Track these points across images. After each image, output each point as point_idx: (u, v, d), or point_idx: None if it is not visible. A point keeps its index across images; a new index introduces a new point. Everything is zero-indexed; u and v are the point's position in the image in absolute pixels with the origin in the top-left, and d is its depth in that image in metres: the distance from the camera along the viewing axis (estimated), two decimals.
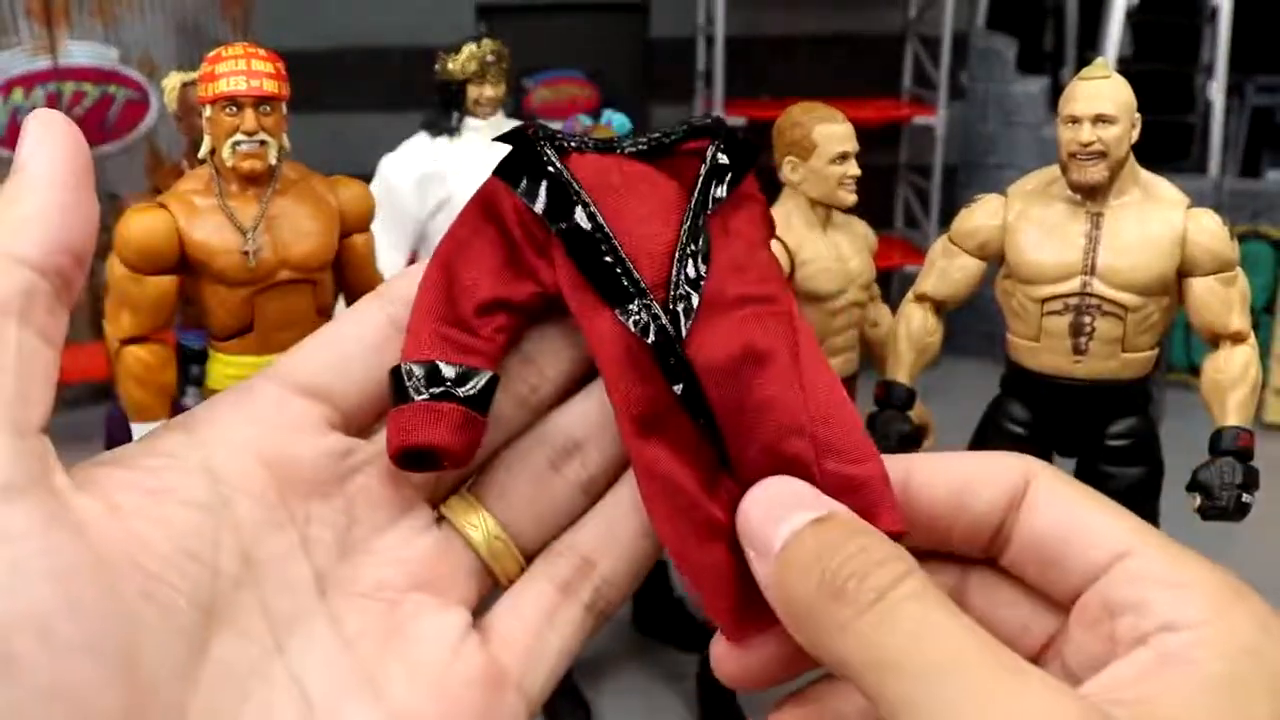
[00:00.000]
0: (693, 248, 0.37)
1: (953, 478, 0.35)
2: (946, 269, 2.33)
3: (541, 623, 0.36)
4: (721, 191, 0.39)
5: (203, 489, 0.32)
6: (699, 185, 0.39)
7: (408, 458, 0.35)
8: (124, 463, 0.32)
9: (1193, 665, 0.28)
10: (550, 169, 0.38)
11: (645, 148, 0.40)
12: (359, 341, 0.36)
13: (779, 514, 0.32)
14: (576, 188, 0.38)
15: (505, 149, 0.40)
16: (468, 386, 0.36)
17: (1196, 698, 0.27)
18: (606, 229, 0.37)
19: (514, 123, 3.09)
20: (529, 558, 0.38)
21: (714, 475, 0.35)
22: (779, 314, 0.37)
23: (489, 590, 0.37)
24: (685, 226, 0.38)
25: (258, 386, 0.35)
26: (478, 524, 0.37)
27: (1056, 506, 0.33)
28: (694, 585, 0.35)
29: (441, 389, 0.35)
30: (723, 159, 0.40)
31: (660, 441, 0.35)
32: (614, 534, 0.37)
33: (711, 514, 0.34)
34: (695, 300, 0.36)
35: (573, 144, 0.39)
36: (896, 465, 0.35)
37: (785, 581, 0.30)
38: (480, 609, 0.37)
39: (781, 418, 0.35)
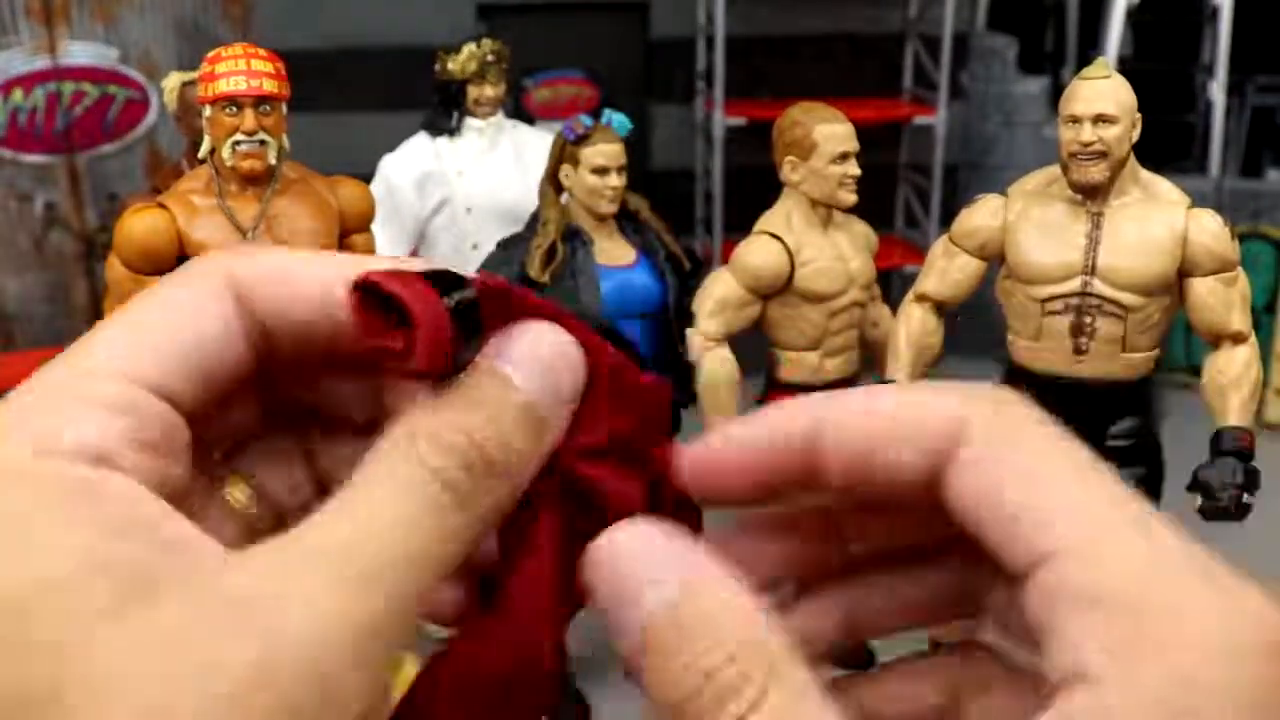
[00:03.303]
0: None
1: (866, 435, 0.29)
2: (947, 269, 2.33)
3: None
4: None
5: None
6: None
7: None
8: None
9: None
10: None
11: None
12: (205, 345, 0.32)
13: (639, 577, 0.27)
14: None
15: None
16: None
17: None
18: None
19: (514, 123, 3.09)
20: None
21: None
22: None
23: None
24: None
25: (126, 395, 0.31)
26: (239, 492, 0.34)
27: (981, 484, 0.27)
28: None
29: None
30: None
31: None
32: None
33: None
34: None
35: None
36: (804, 416, 0.30)
37: (648, 674, 0.26)
38: None
39: None
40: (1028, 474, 0.27)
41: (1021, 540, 0.26)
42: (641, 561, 0.27)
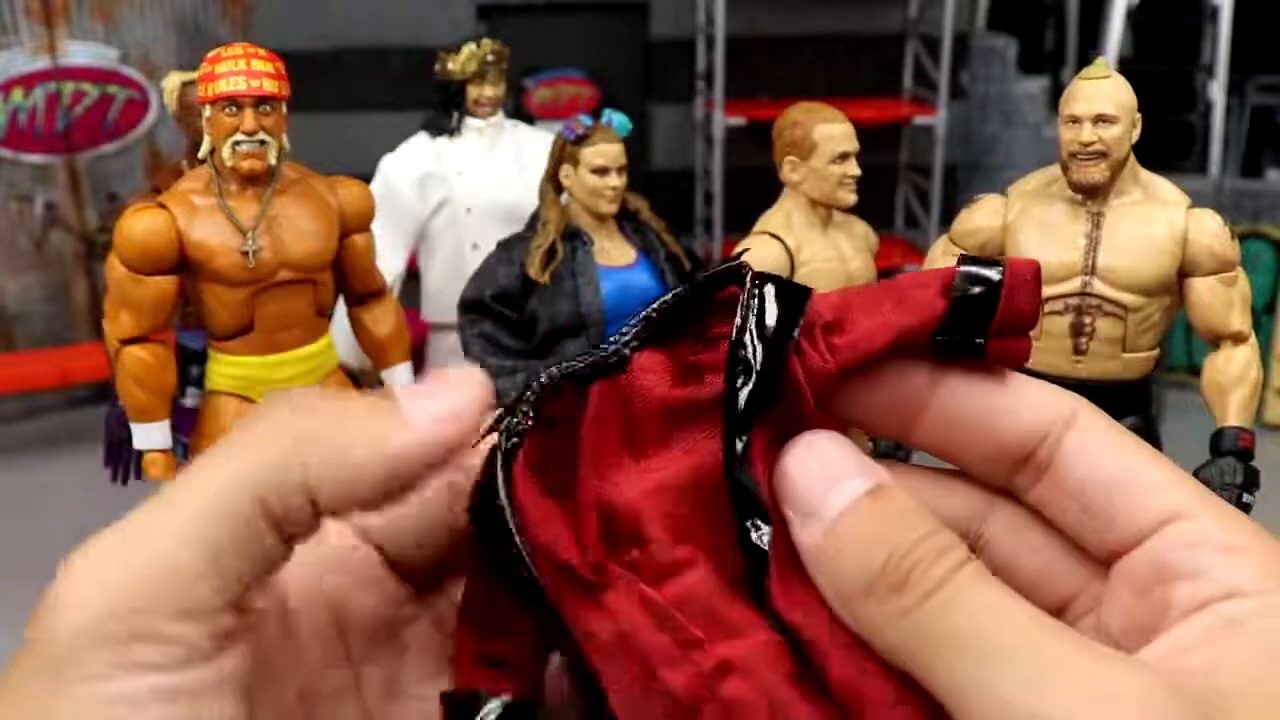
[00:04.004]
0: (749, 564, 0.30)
1: (986, 396, 0.33)
2: None
3: None
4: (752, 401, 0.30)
5: (274, 626, 0.33)
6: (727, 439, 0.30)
7: None
8: None
9: (1255, 633, 0.27)
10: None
11: (658, 320, 0.32)
12: (417, 499, 0.35)
13: (830, 477, 0.30)
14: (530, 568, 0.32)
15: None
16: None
17: (1260, 666, 0.27)
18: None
19: (514, 123, 3.09)
20: None
21: None
22: None
23: None
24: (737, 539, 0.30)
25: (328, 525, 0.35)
26: None
27: (1104, 453, 0.32)
28: None
29: None
30: (753, 350, 0.31)
31: None
32: None
33: None
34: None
35: (567, 371, 0.32)
36: (928, 370, 0.33)
37: (840, 557, 0.29)
38: None
39: None
40: (1138, 454, 0.32)
41: (1149, 498, 0.31)
42: (836, 462, 0.30)
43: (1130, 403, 2.25)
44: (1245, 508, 2.06)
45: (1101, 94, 2.11)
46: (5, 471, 3.98)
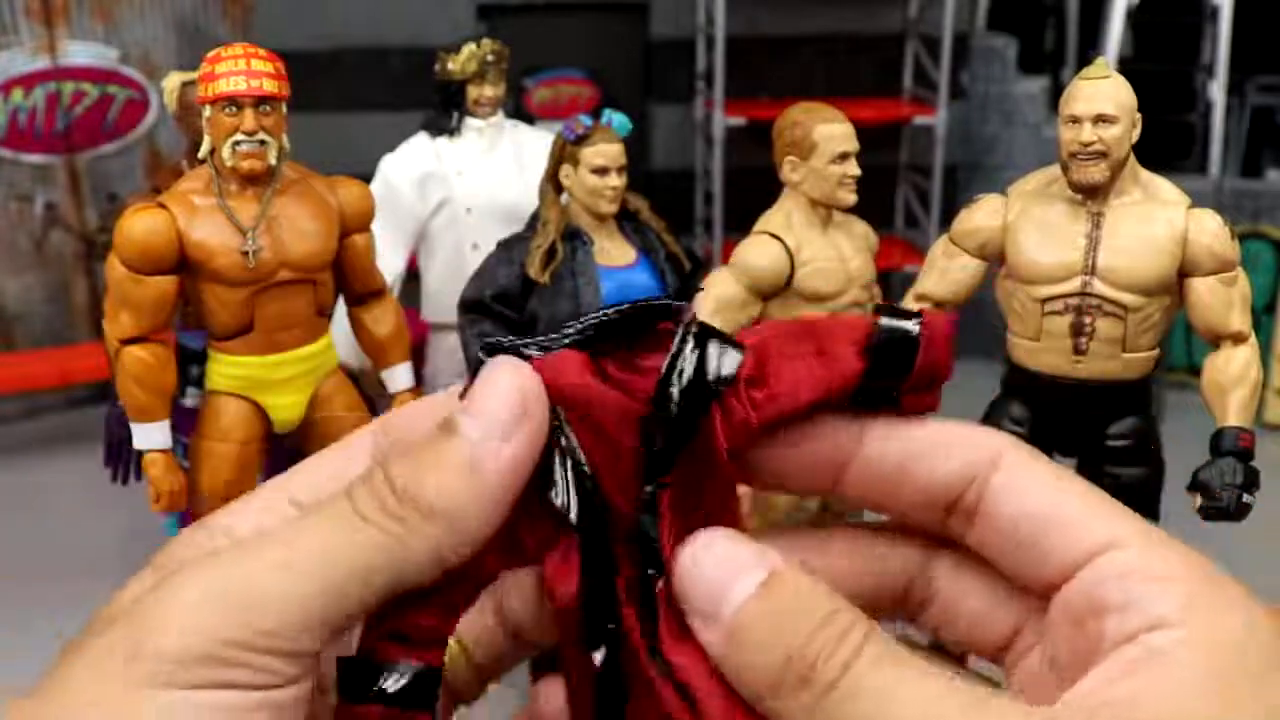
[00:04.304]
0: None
1: (908, 445, 0.33)
2: (947, 269, 2.33)
3: None
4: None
5: None
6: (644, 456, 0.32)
7: None
8: None
9: (1178, 663, 0.28)
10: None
11: (591, 333, 0.33)
12: (346, 474, 0.35)
13: (725, 576, 0.31)
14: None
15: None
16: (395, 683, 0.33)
17: (1183, 696, 0.27)
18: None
19: (514, 123, 3.09)
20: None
21: None
22: None
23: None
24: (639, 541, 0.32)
25: (277, 506, 0.35)
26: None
27: (1032, 490, 0.32)
28: None
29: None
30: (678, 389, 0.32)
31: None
32: None
33: None
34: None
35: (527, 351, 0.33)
36: (851, 424, 0.34)
37: (743, 656, 0.30)
38: None
39: None
40: (1065, 488, 0.32)
41: (1080, 531, 0.31)
42: (730, 559, 0.31)
43: (1130, 403, 2.25)
44: (1245, 508, 2.06)
45: (1101, 94, 2.11)
46: (5, 471, 3.98)
